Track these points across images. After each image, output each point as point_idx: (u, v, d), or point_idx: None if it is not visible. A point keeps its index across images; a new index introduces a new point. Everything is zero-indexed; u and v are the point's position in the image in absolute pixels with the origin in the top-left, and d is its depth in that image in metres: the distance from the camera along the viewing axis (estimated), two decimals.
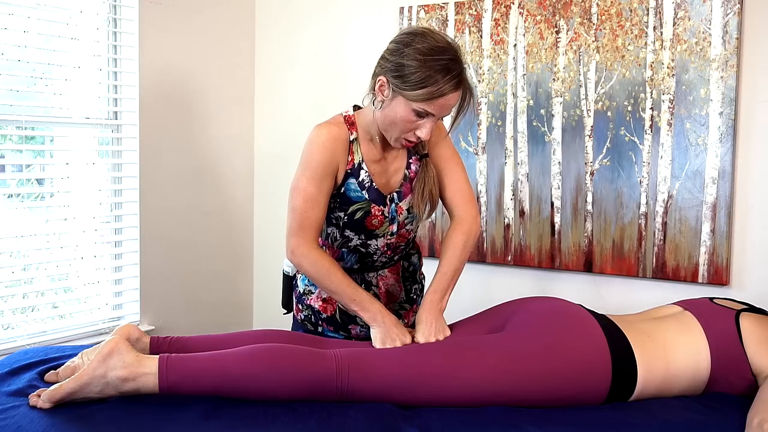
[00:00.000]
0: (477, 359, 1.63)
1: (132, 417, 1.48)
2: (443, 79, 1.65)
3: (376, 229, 1.86)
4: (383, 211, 1.85)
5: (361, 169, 1.82)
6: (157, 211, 2.92)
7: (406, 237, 1.96)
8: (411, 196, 1.89)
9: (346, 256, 1.93)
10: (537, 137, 2.61)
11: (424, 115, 1.70)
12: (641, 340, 1.71)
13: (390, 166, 1.88)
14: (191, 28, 3.00)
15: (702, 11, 2.32)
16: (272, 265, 3.29)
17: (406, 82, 1.67)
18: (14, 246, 2.57)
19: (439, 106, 1.69)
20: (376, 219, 1.84)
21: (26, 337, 2.57)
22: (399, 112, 1.70)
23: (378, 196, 1.84)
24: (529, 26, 2.61)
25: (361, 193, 1.82)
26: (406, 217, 1.90)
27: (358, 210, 1.83)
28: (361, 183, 1.82)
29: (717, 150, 2.32)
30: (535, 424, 1.51)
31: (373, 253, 1.91)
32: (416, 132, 1.73)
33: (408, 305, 2.04)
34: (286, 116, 3.21)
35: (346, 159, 1.81)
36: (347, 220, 1.84)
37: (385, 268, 1.98)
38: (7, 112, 2.50)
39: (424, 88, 1.65)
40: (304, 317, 2.01)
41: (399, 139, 1.76)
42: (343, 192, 1.82)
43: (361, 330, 1.95)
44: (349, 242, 1.89)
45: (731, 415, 1.58)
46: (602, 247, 2.51)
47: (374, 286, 1.96)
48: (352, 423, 1.48)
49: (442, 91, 1.66)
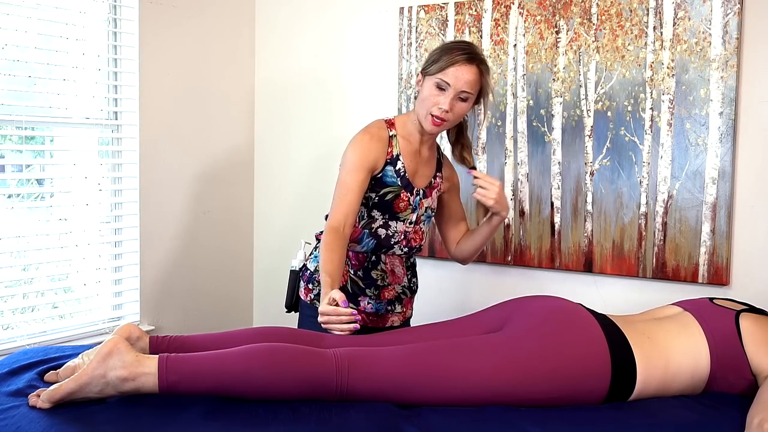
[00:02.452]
0: (476, 359, 1.63)
1: (132, 417, 1.48)
2: (455, 51, 2.00)
3: (401, 213, 2.12)
4: (409, 198, 2.12)
5: (398, 160, 2.11)
6: (157, 211, 2.92)
7: (419, 237, 2.20)
8: (430, 200, 2.18)
9: (365, 239, 2.13)
10: (537, 137, 2.61)
11: (444, 87, 2.00)
12: (641, 340, 1.71)
13: (422, 166, 2.17)
14: (191, 28, 3.00)
15: (702, 11, 2.32)
16: (272, 265, 3.29)
17: (429, 64, 2.04)
18: (14, 246, 2.56)
19: (454, 76, 1.98)
20: (402, 203, 2.11)
21: (26, 337, 2.57)
22: (426, 91, 2.03)
23: (408, 185, 2.12)
24: (529, 26, 2.61)
25: (396, 179, 2.10)
26: (423, 213, 2.17)
27: (390, 192, 2.10)
28: (397, 171, 2.10)
29: (717, 150, 2.32)
30: (535, 424, 1.51)
31: (392, 236, 2.14)
32: (438, 105, 2.01)
33: (408, 293, 2.25)
34: (286, 116, 3.21)
35: (386, 152, 2.10)
36: (377, 200, 2.11)
37: (395, 256, 2.20)
38: (7, 112, 2.50)
39: (439, 61, 2.00)
40: (314, 296, 2.17)
41: (427, 117, 2.03)
42: (380, 177, 2.09)
43: (369, 302, 2.15)
44: (373, 222, 2.13)
45: (731, 415, 1.58)
46: (602, 247, 2.51)
47: (382, 263, 2.17)
48: (352, 423, 1.48)
49: (453, 60, 1.98)
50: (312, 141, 3.13)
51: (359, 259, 2.16)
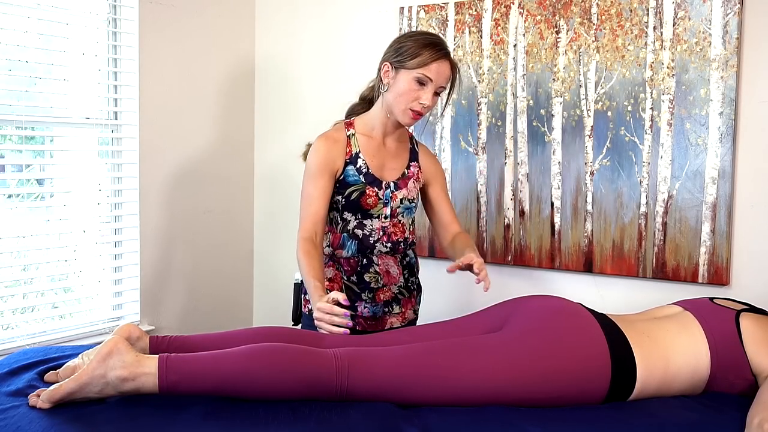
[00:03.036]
0: (476, 359, 1.63)
1: (132, 417, 1.48)
2: (434, 47, 2.00)
3: (371, 209, 2.11)
4: (377, 193, 2.11)
5: (358, 158, 2.11)
6: (157, 211, 2.92)
7: (401, 230, 2.17)
8: (406, 191, 2.14)
9: (347, 243, 2.13)
10: (537, 137, 2.61)
11: (425, 82, 2.00)
12: (641, 340, 1.71)
13: (390, 159, 2.16)
14: (191, 28, 3.00)
15: (702, 11, 2.32)
16: (272, 265, 3.29)
17: (405, 57, 2.01)
18: (14, 246, 2.57)
19: (437, 72, 2.00)
20: (370, 198, 2.10)
21: (26, 337, 2.57)
22: (403, 84, 2.01)
23: (374, 180, 2.11)
24: (529, 26, 2.61)
25: (358, 177, 2.10)
26: (399, 206, 2.15)
27: (355, 191, 2.09)
28: (358, 169, 2.10)
29: (717, 150, 2.32)
30: (535, 424, 1.51)
31: (369, 235, 2.12)
32: (419, 100, 2.01)
33: (407, 293, 2.23)
34: (286, 116, 3.21)
35: (344, 152, 2.10)
36: (345, 202, 2.10)
37: (386, 255, 2.17)
38: (7, 112, 2.50)
39: (420, 56, 1.98)
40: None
41: (406, 111, 2.03)
42: (342, 178, 2.10)
43: (365, 306, 2.15)
44: (348, 225, 2.13)
45: (731, 415, 1.58)
46: (602, 247, 2.51)
47: (375, 264, 2.15)
48: (352, 423, 1.48)
49: (435, 56, 1.99)
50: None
51: (351, 264, 2.14)
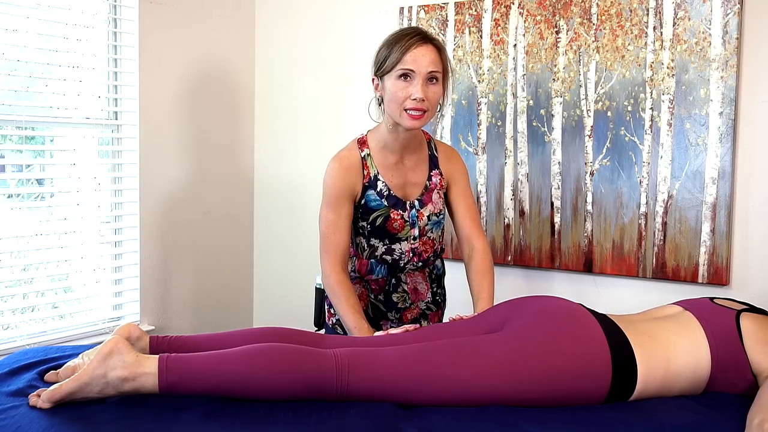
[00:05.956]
0: (477, 359, 1.63)
1: (132, 417, 1.48)
2: (402, 39, 1.89)
3: (398, 233, 2.02)
4: (403, 215, 2.01)
5: (377, 180, 2.01)
6: (157, 211, 2.92)
7: (431, 245, 2.10)
8: (432, 205, 2.05)
9: (375, 268, 2.07)
10: (537, 137, 2.61)
11: (408, 75, 1.87)
12: (641, 340, 1.71)
13: (408, 173, 2.05)
14: (191, 28, 3.00)
15: (702, 11, 2.32)
16: (272, 265, 3.29)
17: (381, 61, 1.91)
18: (14, 246, 2.57)
19: (414, 59, 1.86)
20: (396, 222, 2.01)
21: (26, 337, 2.57)
22: (390, 88, 1.90)
23: (397, 202, 2.01)
24: (529, 26, 2.61)
25: (381, 201, 2.00)
26: (427, 223, 2.06)
27: (379, 216, 2.00)
28: (380, 192, 2.00)
29: (717, 150, 2.32)
30: (535, 424, 1.51)
31: (399, 258, 2.05)
32: (410, 97, 1.87)
33: (434, 307, 2.18)
34: (286, 116, 3.21)
35: (362, 176, 2.00)
36: (370, 228, 2.02)
37: (415, 272, 2.12)
38: (7, 112, 2.50)
39: (392, 54, 1.88)
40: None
41: (403, 113, 1.90)
42: (364, 203, 2.00)
43: (391, 325, 2.09)
44: (376, 251, 2.05)
45: (731, 415, 1.58)
46: (602, 247, 2.51)
47: (403, 283, 2.10)
48: (352, 423, 1.48)
49: (407, 45, 1.86)
50: (312, 141, 3.13)
51: (379, 283, 2.09)
